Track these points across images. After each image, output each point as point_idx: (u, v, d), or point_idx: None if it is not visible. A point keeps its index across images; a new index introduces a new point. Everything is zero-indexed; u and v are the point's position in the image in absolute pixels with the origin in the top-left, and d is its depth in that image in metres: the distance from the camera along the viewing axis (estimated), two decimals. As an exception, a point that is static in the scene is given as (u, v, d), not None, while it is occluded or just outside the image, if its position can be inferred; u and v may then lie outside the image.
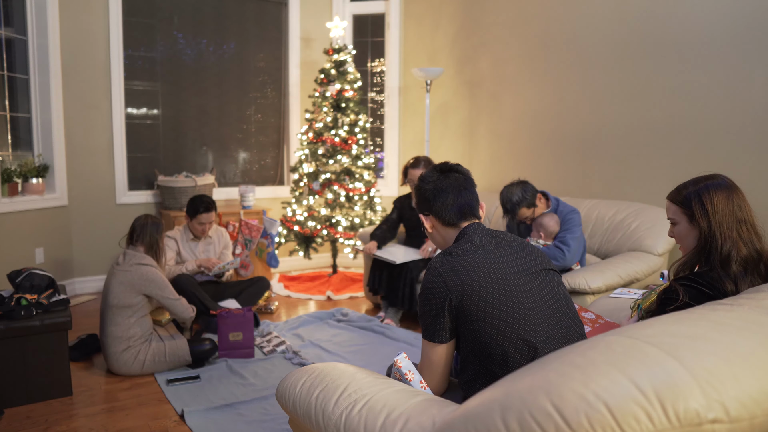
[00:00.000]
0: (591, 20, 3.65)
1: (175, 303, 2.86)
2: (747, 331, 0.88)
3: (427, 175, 1.61)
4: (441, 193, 1.55)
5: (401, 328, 3.53)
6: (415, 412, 1.05)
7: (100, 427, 2.31)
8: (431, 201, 1.57)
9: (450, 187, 1.55)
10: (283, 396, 1.37)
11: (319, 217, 4.54)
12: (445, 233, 1.58)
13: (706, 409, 0.71)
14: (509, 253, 1.46)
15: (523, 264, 1.45)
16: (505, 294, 1.37)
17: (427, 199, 1.58)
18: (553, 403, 0.72)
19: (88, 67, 4.28)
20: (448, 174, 1.59)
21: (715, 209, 1.50)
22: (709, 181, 1.55)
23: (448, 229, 1.57)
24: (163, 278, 2.83)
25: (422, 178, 1.61)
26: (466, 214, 1.55)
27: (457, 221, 1.55)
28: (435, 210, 1.56)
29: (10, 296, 2.57)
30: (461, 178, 1.59)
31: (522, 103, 4.20)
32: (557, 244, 2.94)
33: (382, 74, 5.50)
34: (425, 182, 1.59)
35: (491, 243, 1.48)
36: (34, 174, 3.98)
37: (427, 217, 1.60)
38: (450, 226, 1.56)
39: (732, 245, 1.48)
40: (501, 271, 1.41)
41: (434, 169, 1.61)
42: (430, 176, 1.59)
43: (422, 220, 1.62)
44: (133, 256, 2.80)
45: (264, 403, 2.48)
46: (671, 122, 3.25)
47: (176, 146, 4.85)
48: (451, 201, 1.54)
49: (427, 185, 1.58)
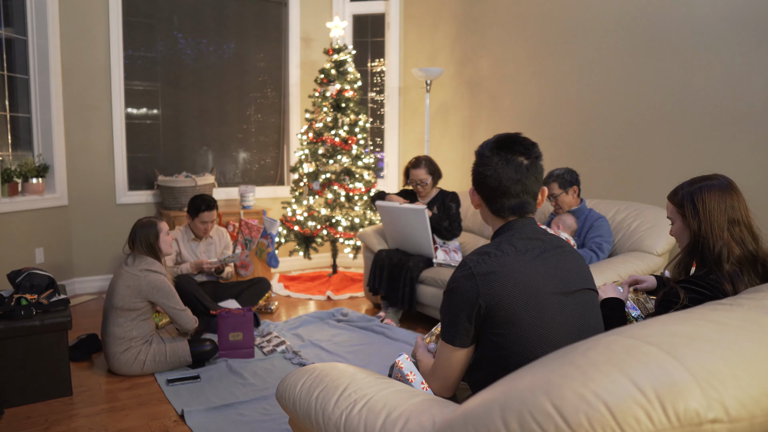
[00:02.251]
0: (591, 20, 3.65)
1: (180, 313, 2.85)
2: (747, 330, 0.88)
3: (486, 154, 1.38)
4: (497, 185, 1.36)
5: (401, 328, 3.53)
6: (415, 412, 1.05)
7: (100, 427, 2.31)
8: (483, 188, 1.40)
9: (508, 179, 1.35)
10: (283, 396, 1.37)
11: (319, 217, 4.55)
12: (491, 218, 1.44)
13: (706, 409, 0.71)
14: (552, 263, 1.34)
15: (563, 280, 1.34)
16: (537, 311, 1.28)
17: (481, 184, 1.41)
18: (553, 403, 0.72)
19: (88, 67, 4.28)
20: (509, 156, 1.35)
21: (706, 210, 1.52)
22: (705, 182, 1.57)
23: (494, 217, 1.43)
24: (170, 287, 2.81)
25: (481, 156, 1.40)
26: (517, 212, 1.39)
27: (505, 216, 1.40)
28: (486, 198, 1.41)
29: (10, 296, 2.57)
30: (524, 165, 1.35)
31: (522, 103, 4.20)
32: (593, 248, 2.97)
33: (382, 74, 5.50)
34: (483, 165, 1.38)
35: (535, 248, 1.35)
36: (34, 174, 3.99)
37: (476, 195, 1.44)
38: (497, 216, 1.42)
39: (723, 245, 1.49)
40: (538, 285, 1.29)
41: (495, 147, 1.38)
42: (490, 159, 1.37)
43: (470, 192, 1.46)
44: (143, 260, 2.78)
45: (264, 403, 2.48)
46: (671, 122, 3.25)
47: (176, 146, 4.85)
48: (504, 197, 1.37)
49: (485, 170, 1.38)
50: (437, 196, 3.82)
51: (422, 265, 3.60)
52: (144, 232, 2.83)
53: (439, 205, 3.77)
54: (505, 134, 1.40)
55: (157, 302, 2.79)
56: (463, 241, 4.05)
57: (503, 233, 1.39)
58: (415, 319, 3.76)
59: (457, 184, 4.77)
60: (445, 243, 3.78)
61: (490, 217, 1.44)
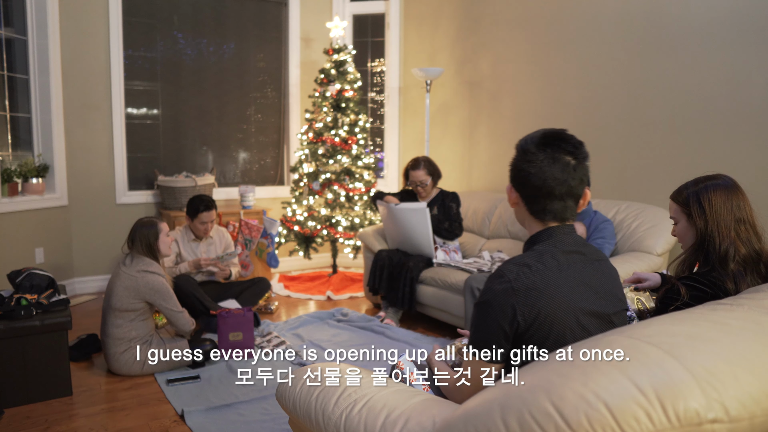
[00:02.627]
0: (591, 20, 3.65)
1: (177, 315, 2.83)
2: (747, 330, 0.88)
3: (531, 149, 1.27)
4: (541, 184, 1.25)
5: (401, 328, 3.53)
6: (415, 412, 1.05)
7: (100, 427, 2.31)
8: (525, 186, 1.29)
9: (553, 179, 1.24)
10: (283, 396, 1.37)
11: (319, 217, 4.55)
12: (528, 220, 1.33)
13: (706, 409, 0.71)
14: (594, 282, 1.26)
15: (600, 301, 1.25)
16: (572, 332, 1.20)
17: (522, 182, 1.29)
18: (553, 402, 0.72)
19: (88, 67, 4.28)
20: (556, 155, 1.24)
21: (713, 208, 1.52)
22: (710, 181, 1.57)
23: (533, 219, 1.32)
24: (168, 289, 2.80)
25: (524, 152, 1.28)
26: (558, 216, 1.29)
27: (546, 219, 1.30)
28: (526, 197, 1.30)
29: (10, 296, 2.57)
30: (571, 165, 1.24)
31: (522, 103, 4.20)
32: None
33: (382, 74, 5.50)
34: (527, 162, 1.26)
35: (577, 263, 1.25)
36: (34, 174, 3.98)
37: (515, 192, 1.34)
38: (536, 218, 1.31)
39: (730, 244, 1.49)
40: (577, 304, 1.21)
41: (542, 143, 1.27)
42: (535, 155, 1.25)
43: (508, 188, 1.36)
44: (141, 261, 2.78)
45: (264, 403, 2.48)
46: (671, 122, 3.25)
47: (176, 146, 4.85)
48: (547, 199, 1.27)
49: (529, 167, 1.26)
50: (437, 196, 3.82)
51: (422, 265, 3.60)
52: (144, 232, 2.82)
53: (439, 206, 3.77)
54: (552, 129, 1.30)
55: (154, 303, 2.78)
56: (463, 241, 4.05)
57: (543, 241, 1.28)
58: (415, 319, 3.76)
59: (457, 184, 4.77)
60: (445, 243, 3.78)
61: (527, 218, 1.33)
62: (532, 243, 1.31)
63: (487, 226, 4.01)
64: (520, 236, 3.72)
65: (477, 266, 3.42)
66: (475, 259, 3.64)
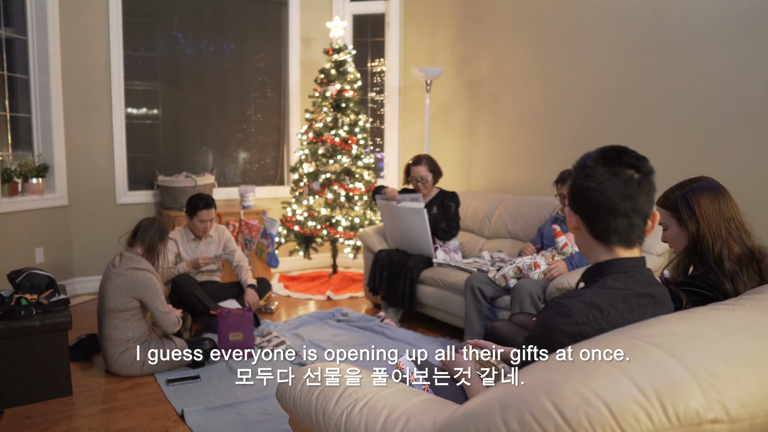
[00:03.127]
0: (591, 20, 3.65)
1: (162, 315, 2.77)
2: (748, 331, 0.88)
3: (589, 164, 1.16)
4: (603, 200, 1.14)
5: (401, 328, 3.53)
6: (416, 412, 1.05)
7: (100, 427, 2.31)
8: (585, 204, 1.17)
9: (616, 193, 1.13)
10: (283, 395, 1.37)
11: (319, 217, 4.55)
12: (591, 246, 1.20)
13: (706, 409, 0.71)
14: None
15: None
16: None
17: (581, 199, 1.18)
18: (553, 401, 0.72)
19: (88, 67, 4.28)
20: (619, 169, 1.13)
21: (702, 210, 1.54)
22: (695, 184, 1.60)
23: (596, 244, 1.19)
24: (157, 287, 2.77)
25: (582, 168, 1.18)
26: (624, 237, 1.16)
27: (610, 241, 1.17)
28: (587, 217, 1.18)
29: (10, 296, 2.57)
30: (635, 179, 1.13)
31: (522, 103, 4.20)
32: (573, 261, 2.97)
33: (382, 74, 5.50)
34: (586, 177, 1.16)
35: (647, 306, 1.14)
36: (34, 174, 3.98)
37: (574, 215, 1.22)
38: (600, 241, 1.18)
39: (722, 243, 1.50)
40: None
41: (599, 156, 1.16)
42: (594, 169, 1.15)
43: (567, 212, 1.24)
44: (130, 259, 2.76)
45: (264, 403, 2.48)
46: (671, 122, 3.25)
47: (176, 146, 4.85)
48: (610, 215, 1.15)
49: (588, 182, 1.15)
50: (437, 195, 3.82)
51: (422, 265, 3.60)
52: (155, 235, 2.83)
53: (438, 205, 3.77)
54: (611, 146, 1.19)
55: (142, 300, 2.74)
56: (463, 241, 4.05)
57: (612, 274, 1.15)
58: (415, 319, 3.76)
59: (457, 184, 4.77)
60: (444, 243, 3.78)
61: (590, 243, 1.20)
62: (598, 273, 1.18)
63: (487, 226, 4.01)
64: (520, 236, 3.72)
65: (477, 266, 3.42)
66: (475, 259, 3.64)
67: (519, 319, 2.38)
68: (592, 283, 1.18)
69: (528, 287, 2.86)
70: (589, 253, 1.22)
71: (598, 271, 1.18)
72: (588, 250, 1.22)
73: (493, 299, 3.09)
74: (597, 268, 1.18)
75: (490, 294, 3.08)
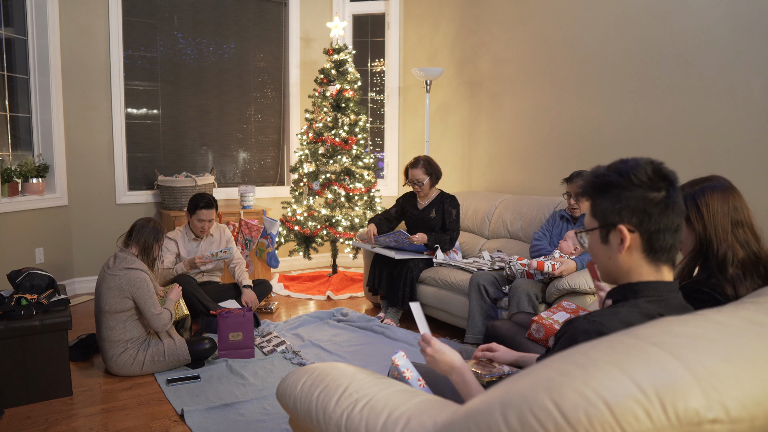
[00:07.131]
0: (591, 21, 3.65)
1: (153, 316, 2.75)
2: (749, 332, 0.88)
3: (648, 178, 1.08)
4: (670, 211, 1.07)
5: (401, 328, 3.53)
6: (416, 412, 1.05)
7: (100, 427, 2.31)
8: (651, 215, 1.07)
9: (680, 209, 1.09)
10: (283, 395, 1.37)
11: (319, 217, 4.55)
12: (638, 265, 1.12)
13: (706, 409, 0.71)
14: None
15: None
16: None
17: (644, 215, 1.08)
18: (553, 400, 0.72)
19: (88, 67, 4.28)
20: (675, 188, 1.09)
21: (710, 212, 1.48)
22: (706, 183, 1.53)
23: (645, 263, 1.12)
24: (149, 287, 2.75)
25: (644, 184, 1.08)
26: (672, 257, 1.12)
27: (661, 260, 1.11)
28: (649, 228, 1.08)
29: (10, 296, 2.57)
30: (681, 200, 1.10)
31: (522, 103, 4.20)
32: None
33: (382, 74, 5.51)
34: (651, 189, 1.08)
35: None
36: (34, 174, 3.99)
37: (616, 228, 1.11)
38: (651, 260, 1.11)
39: (728, 248, 1.45)
40: None
41: (656, 174, 1.09)
42: (657, 183, 1.08)
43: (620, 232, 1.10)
44: (123, 260, 2.75)
45: (264, 403, 2.48)
46: (671, 123, 3.25)
47: (176, 146, 4.85)
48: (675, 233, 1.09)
49: (656, 194, 1.07)
50: (437, 198, 3.81)
51: (422, 265, 3.60)
52: (150, 235, 2.82)
53: (437, 208, 3.77)
54: (653, 160, 1.12)
55: (135, 299, 2.72)
56: (463, 241, 4.05)
57: (647, 297, 1.10)
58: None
59: (457, 184, 4.77)
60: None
61: (638, 262, 1.12)
62: (632, 293, 1.12)
63: (487, 226, 4.01)
64: (520, 236, 3.72)
65: (477, 266, 3.42)
66: (475, 259, 3.65)
67: (519, 318, 2.39)
68: (623, 301, 1.12)
69: (525, 287, 2.87)
70: (631, 272, 1.13)
71: (634, 291, 1.12)
72: (628, 270, 1.13)
73: (496, 300, 3.10)
74: (634, 287, 1.12)
75: (493, 294, 3.09)
